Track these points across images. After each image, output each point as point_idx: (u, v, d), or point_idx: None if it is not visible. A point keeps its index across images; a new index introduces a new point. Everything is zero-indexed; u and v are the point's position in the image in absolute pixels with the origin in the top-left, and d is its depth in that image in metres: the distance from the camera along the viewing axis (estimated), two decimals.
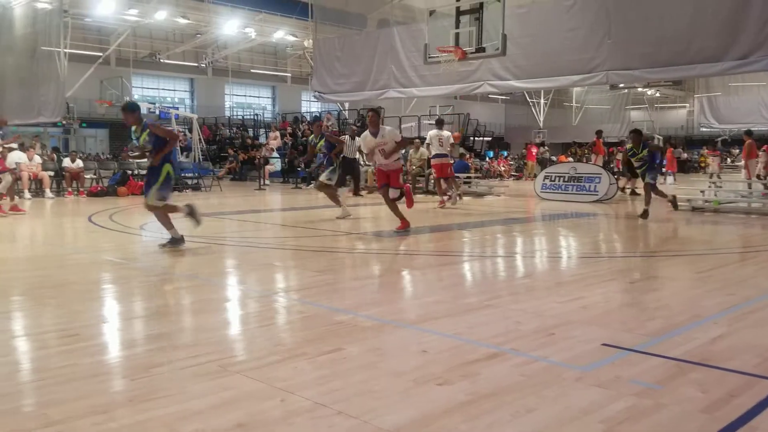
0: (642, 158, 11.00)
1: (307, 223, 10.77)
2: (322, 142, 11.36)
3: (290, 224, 10.79)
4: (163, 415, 2.68)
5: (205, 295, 5.16)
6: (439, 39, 14.44)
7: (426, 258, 7.22)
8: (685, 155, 36.74)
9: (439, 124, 13.67)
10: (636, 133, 11.34)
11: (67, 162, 16.46)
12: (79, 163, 16.69)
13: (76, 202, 14.36)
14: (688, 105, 52.82)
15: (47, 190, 15.26)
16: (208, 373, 3.19)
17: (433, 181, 17.09)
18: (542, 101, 47.21)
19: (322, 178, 11.01)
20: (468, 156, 21.39)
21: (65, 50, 27.33)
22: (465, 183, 17.26)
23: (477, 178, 18.86)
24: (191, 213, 7.48)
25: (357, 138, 13.65)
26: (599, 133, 22.06)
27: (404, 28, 19.71)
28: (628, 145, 11.62)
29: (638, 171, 11.30)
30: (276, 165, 24.98)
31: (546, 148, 31.26)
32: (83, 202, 14.44)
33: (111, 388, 3.05)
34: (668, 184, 16.83)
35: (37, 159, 15.56)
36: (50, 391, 2.94)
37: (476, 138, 28.22)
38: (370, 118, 8.95)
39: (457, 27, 14.03)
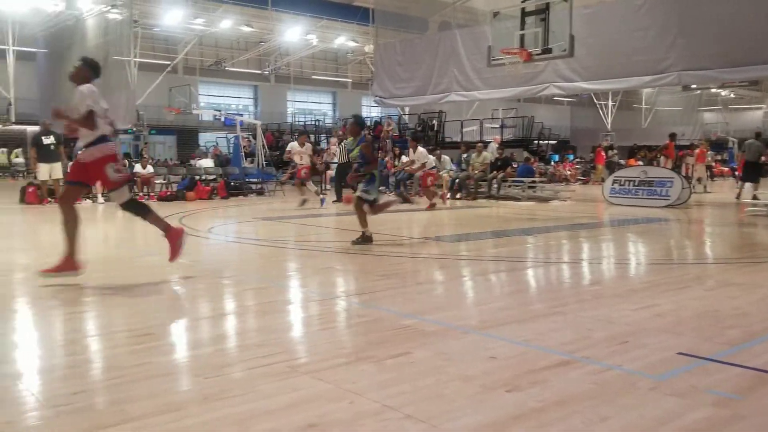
0: None
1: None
2: (357, 150, 9.47)
3: (350, 228, 10.85)
4: (235, 414, 2.72)
5: (270, 297, 5.23)
6: (502, 41, 14.31)
7: (489, 263, 7.14)
8: (763, 158, 35.06)
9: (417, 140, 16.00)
10: None
11: (138, 168, 17.03)
12: (150, 168, 17.25)
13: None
14: (764, 106, 50.67)
15: (311, 185, 15.70)
16: (277, 373, 3.22)
17: (495, 185, 16.96)
18: (610, 103, 46.16)
19: (359, 192, 8.66)
20: (533, 160, 21.08)
21: (135, 59, 28.39)
22: (530, 187, 17.01)
23: (542, 182, 18.55)
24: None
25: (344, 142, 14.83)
26: (673, 136, 21.35)
27: (466, 30, 19.61)
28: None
29: None
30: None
31: (615, 151, 30.53)
32: (154, 206, 14.88)
33: (184, 387, 3.12)
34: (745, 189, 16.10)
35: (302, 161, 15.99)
36: (127, 388, 3.03)
37: (541, 141, 27.80)
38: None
39: (522, 28, 13.86)
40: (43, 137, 14.25)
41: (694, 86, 40.63)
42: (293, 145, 15.34)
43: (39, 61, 34.90)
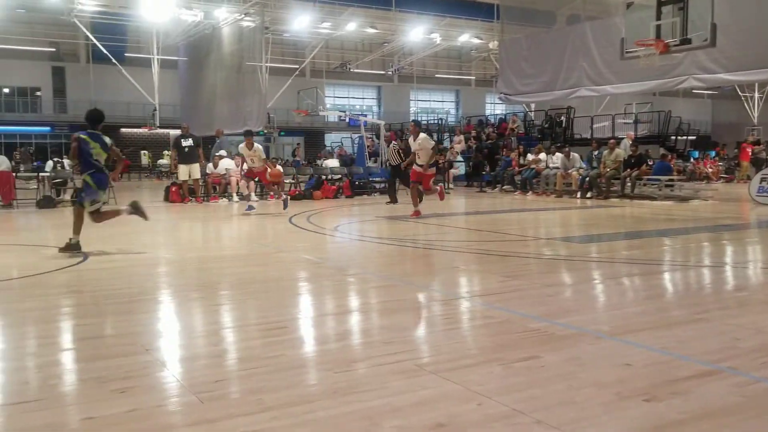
0: None
1: (492, 226, 10.67)
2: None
3: (474, 228, 10.76)
4: (364, 409, 2.76)
5: (395, 296, 5.28)
6: (636, 32, 13.60)
7: (622, 266, 6.81)
8: None
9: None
10: None
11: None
12: (279, 168, 17.97)
13: (277, 205, 15.46)
14: None
15: (252, 194, 16.59)
16: (405, 371, 3.24)
17: (629, 184, 16.19)
18: (756, 95, 42.77)
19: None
20: (670, 157, 19.92)
21: (266, 64, 29.68)
22: (666, 186, 16.09)
23: (680, 180, 17.48)
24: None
25: (393, 143, 15.12)
26: None
27: (597, 23, 18.86)
28: None
29: None
30: (460, 168, 25.08)
31: (762, 146, 28.25)
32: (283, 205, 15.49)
33: (316, 380, 3.20)
34: None
35: (245, 166, 16.91)
36: (263, 379, 3.16)
37: (679, 137, 26.21)
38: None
39: (658, 18, 13.10)
40: (182, 140, 15.22)
41: None
42: (242, 148, 13.50)
43: (180, 69, 37.43)
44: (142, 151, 35.09)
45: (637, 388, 3.00)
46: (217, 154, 17.33)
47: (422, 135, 11.60)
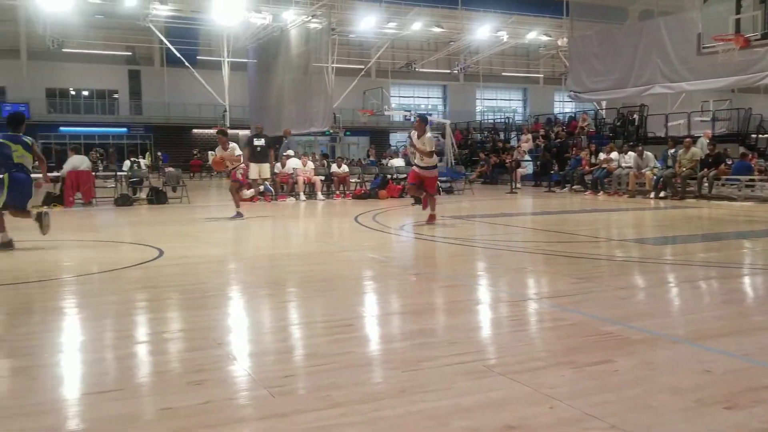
0: None
1: (562, 227, 10.45)
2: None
3: (542, 228, 10.56)
4: (432, 408, 2.75)
5: (462, 296, 5.24)
6: (714, 27, 13.07)
7: (699, 269, 6.54)
8: None
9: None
10: None
11: (334, 167, 18.00)
12: (345, 168, 18.15)
13: (343, 204, 15.63)
14: None
15: (319, 193, 16.82)
16: (473, 371, 3.20)
17: (706, 184, 15.60)
18: None
19: None
20: (750, 156, 19.04)
21: (332, 65, 30.01)
22: (747, 186, 15.40)
23: (762, 180, 16.69)
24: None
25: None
26: None
27: (671, 17, 18.23)
28: None
29: None
30: (528, 168, 24.70)
31: None
32: (349, 204, 15.65)
33: (383, 378, 3.21)
34: None
35: (311, 165, 17.20)
36: (331, 375, 3.18)
37: (760, 135, 25.03)
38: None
39: (738, 12, 12.54)
40: (255, 139, 15.54)
41: None
42: (218, 151, 11.96)
43: (249, 71, 38.29)
44: (210, 152, 36.00)
45: (718, 394, 2.88)
46: (285, 154, 17.65)
47: (428, 135, 10.31)
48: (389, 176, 18.11)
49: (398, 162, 19.94)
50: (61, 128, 40.82)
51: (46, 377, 3.25)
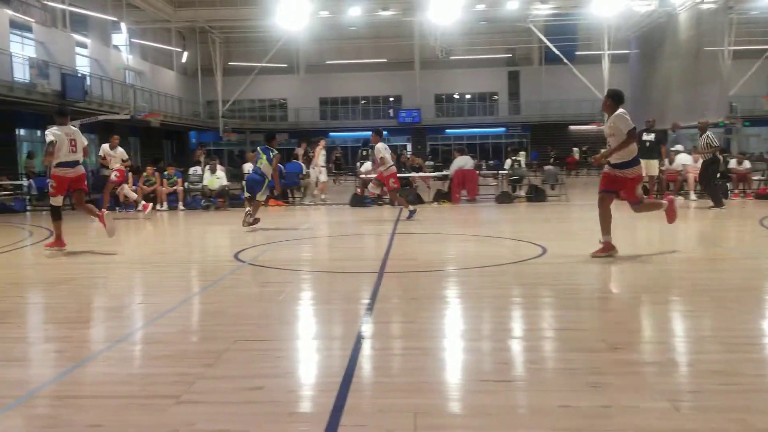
0: None
1: None
2: None
3: None
4: None
5: None
6: None
7: None
8: None
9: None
10: None
11: (733, 163, 16.11)
12: (747, 164, 16.12)
13: (743, 205, 13.94)
14: None
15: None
16: None
17: None
18: None
19: None
20: None
21: (729, 48, 26.95)
22: None
23: None
24: None
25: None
26: None
27: None
28: None
29: None
30: None
31: None
32: (750, 204, 13.89)
33: None
34: None
35: (684, 159, 15.49)
36: (742, 397, 2.87)
37: None
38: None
39: None
40: (644, 134, 14.75)
41: None
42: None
43: (631, 62, 36.70)
44: (574, 148, 35.45)
45: None
46: (672, 149, 16.41)
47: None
48: None
49: None
50: (447, 130, 44.93)
51: (439, 359, 3.60)
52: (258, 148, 10.95)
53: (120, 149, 13.89)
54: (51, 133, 7.94)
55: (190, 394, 3.03)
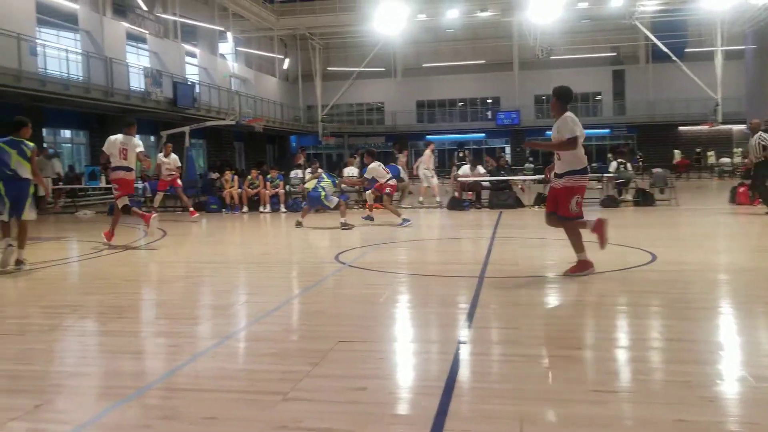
0: None
1: None
2: None
3: None
4: None
5: None
6: None
7: None
8: None
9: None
10: None
11: None
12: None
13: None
14: None
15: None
16: None
17: None
18: None
19: None
20: None
21: None
22: None
23: None
24: None
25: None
26: None
27: None
28: None
29: None
30: None
31: None
32: None
33: None
34: None
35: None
36: None
37: None
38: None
39: None
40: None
41: None
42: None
43: (746, 58, 34.54)
44: (675, 151, 33.53)
45: None
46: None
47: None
48: None
49: None
50: (547, 132, 43.74)
51: (542, 366, 3.50)
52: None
53: (174, 156, 14.65)
54: (106, 141, 9.20)
55: (297, 392, 3.11)
